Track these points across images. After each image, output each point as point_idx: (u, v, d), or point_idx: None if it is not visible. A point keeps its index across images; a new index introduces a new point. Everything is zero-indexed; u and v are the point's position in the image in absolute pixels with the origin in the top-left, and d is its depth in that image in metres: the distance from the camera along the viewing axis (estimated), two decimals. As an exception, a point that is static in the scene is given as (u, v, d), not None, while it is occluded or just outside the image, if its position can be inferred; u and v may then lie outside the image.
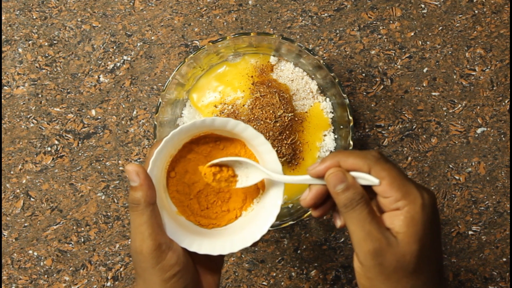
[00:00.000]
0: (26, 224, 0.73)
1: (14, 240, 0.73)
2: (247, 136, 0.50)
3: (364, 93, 0.73)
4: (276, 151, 0.66)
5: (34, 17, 0.74)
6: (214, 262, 0.51)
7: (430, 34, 0.74)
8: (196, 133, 0.50)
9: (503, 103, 0.73)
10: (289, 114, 0.66)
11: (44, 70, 0.74)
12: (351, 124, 0.65)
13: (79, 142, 0.73)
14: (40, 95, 0.73)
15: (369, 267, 0.43)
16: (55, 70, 0.74)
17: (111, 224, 0.73)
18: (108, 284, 0.73)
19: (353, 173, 0.45)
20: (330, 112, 0.70)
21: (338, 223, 0.48)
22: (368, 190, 0.45)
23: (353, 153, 0.45)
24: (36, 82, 0.74)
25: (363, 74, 0.74)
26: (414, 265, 0.43)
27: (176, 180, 0.51)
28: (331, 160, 0.45)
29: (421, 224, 0.43)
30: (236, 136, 0.51)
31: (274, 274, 0.73)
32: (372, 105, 0.73)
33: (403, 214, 0.43)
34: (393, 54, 0.73)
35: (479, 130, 0.73)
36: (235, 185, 0.52)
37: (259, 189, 0.53)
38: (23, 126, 0.73)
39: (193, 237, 0.49)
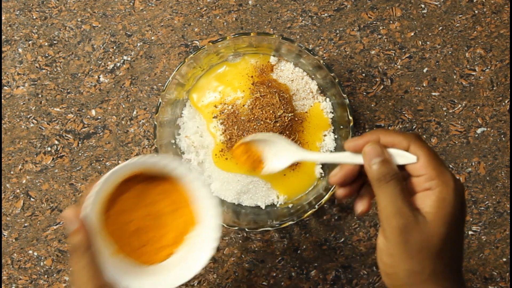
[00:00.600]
0: (26, 224, 0.73)
1: (14, 240, 0.73)
2: (179, 174, 0.51)
3: (364, 93, 0.73)
4: (276, 151, 0.66)
5: (34, 17, 0.74)
6: None
7: (430, 34, 0.74)
8: (130, 172, 0.52)
9: (503, 103, 0.73)
10: (289, 114, 0.66)
11: (44, 70, 0.74)
12: (351, 124, 0.65)
13: (79, 142, 0.73)
14: (40, 95, 0.73)
15: (394, 243, 0.43)
16: (55, 70, 0.74)
17: (111, 224, 0.73)
18: (108, 284, 0.73)
19: (390, 150, 0.45)
20: (330, 112, 0.70)
21: (360, 207, 0.48)
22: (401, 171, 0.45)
23: (392, 131, 0.46)
24: (36, 82, 0.74)
25: (363, 74, 0.74)
26: (439, 248, 0.43)
27: (114, 219, 0.52)
28: (371, 135, 0.46)
29: (452, 207, 0.43)
30: (169, 173, 0.52)
31: (274, 274, 0.73)
32: (372, 105, 0.73)
33: (435, 194, 0.43)
34: (393, 54, 0.73)
35: (479, 130, 0.73)
36: (260, 170, 0.52)
37: (193, 224, 0.54)
38: (23, 126, 0.73)
39: (132, 276, 0.51)
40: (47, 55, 0.74)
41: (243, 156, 0.53)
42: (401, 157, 0.45)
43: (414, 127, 0.73)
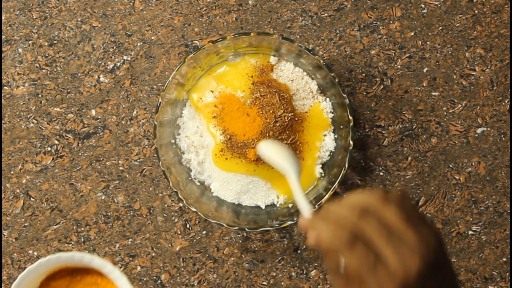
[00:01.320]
0: (26, 224, 0.73)
1: (14, 240, 0.73)
2: (96, 266, 0.51)
3: (364, 93, 0.73)
4: (276, 151, 0.66)
5: (34, 17, 0.74)
6: None
7: (430, 34, 0.74)
8: (50, 270, 0.51)
9: (503, 103, 0.73)
10: (289, 114, 0.66)
11: (44, 70, 0.74)
12: (351, 124, 0.65)
13: (79, 142, 0.73)
14: (40, 95, 0.73)
15: None
16: (55, 70, 0.74)
17: (111, 224, 0.73)
18: (108, 284, 0.73)
19: None
20: (330, 112, 0.70)
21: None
22: None
23: (326, 229, 0.43)
24: (36, 82, 0.74)
25: (363, 74, 0.74)
26: None
27: None
28: (313, 222, 0.45)
29: None
30: (89, 265, 0.52)
31: (274, 274, 0.73)
32: (372, 105, 0.73)
33: None
34: (393, 54, 0.73)
35: (479, 130, 0.73)
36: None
37: None
38: (23, 126, 0.73)
39: None
40: (47, 55, 0.74)
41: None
42: None
43: (414, 127, 0.73)
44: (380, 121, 0.73)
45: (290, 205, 0.70)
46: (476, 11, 0.74)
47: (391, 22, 0.74)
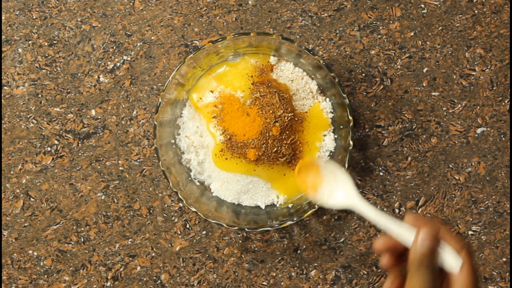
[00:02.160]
0: (26, 224, 0.73)
1: (14, 240, 0.73)
2: None
3: (364, 93, 0.73)
4: (276, 151, 0.66)
5: (34, 17, 0.74)
6: None
7: (430, 34, 0.74)
8: None
9: (503, 103, 0.73)
10: (289, 114, 0.66)
11: (44, 70, 0.74)
12: (351, 124, 0.65)
13: (79, 142, 0.73)
14: (40, 95, 0.73)
15: None
16: (55, 70, 0.74)
17: (111, 224, 0.73)
18: (108, 284, 0.73)
19: (443, 245, 0.46)
20: (330, 112, 0.70)
21: (384, 261, 0.49)
22: None
23: (450, 231, 0.47)
24: (36, 82, 0.74)
25: (363, 74, 0.74)
26: None
27: None
28: (433, 223, 0.47)
29: None
30: None
31: (274, 274, 0.73)
32: (372, 105, 0.73)
33: None
34: (393, 54, 0.73)
35: (479, 130, 0.73)
36: (315, 194, 0.53)
37: None
38: (23, 126, 0.73)
39: None
40: (47, 55, 0.74)
41: (307, 173, 0.52)
42: (449, 256, 0.46)
43: (414, 127, 0.73)
44: (380, 121, 0.73)
45: (290, 205, 0.70)
46: (476, 11, 0.74)
47: (391, 22, 0.74)
